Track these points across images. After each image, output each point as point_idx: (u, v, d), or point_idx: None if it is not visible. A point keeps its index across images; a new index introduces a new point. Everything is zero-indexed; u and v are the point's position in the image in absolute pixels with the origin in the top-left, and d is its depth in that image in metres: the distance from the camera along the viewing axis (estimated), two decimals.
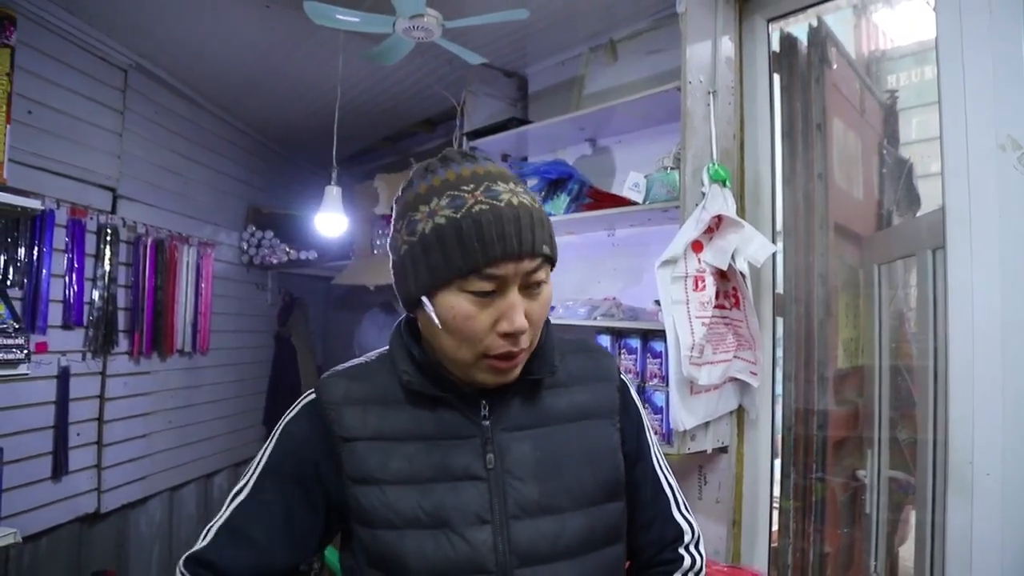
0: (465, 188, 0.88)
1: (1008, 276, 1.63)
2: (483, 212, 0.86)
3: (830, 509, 2.38)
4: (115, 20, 2.79)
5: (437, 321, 0.88)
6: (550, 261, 0.92)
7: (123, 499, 3.12)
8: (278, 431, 1.01)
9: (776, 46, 2.40)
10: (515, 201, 0.88)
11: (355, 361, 1.05)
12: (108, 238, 2.95)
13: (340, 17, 2.23)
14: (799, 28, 2.47)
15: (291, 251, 4.11)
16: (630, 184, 2.25)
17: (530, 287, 0.90)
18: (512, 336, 0.89)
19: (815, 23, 2.49)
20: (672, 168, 2.17)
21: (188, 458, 3.64)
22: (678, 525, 1.09)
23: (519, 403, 0.99)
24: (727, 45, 2.27)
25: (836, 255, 2.40)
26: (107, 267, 2.95)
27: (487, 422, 0.96)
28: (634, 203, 2.25)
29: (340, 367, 1.04)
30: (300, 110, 3.81)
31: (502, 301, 0.88)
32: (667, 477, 1.11)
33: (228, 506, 0.99)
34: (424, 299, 0.89)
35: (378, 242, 3.74)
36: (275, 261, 4.13)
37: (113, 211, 3.03)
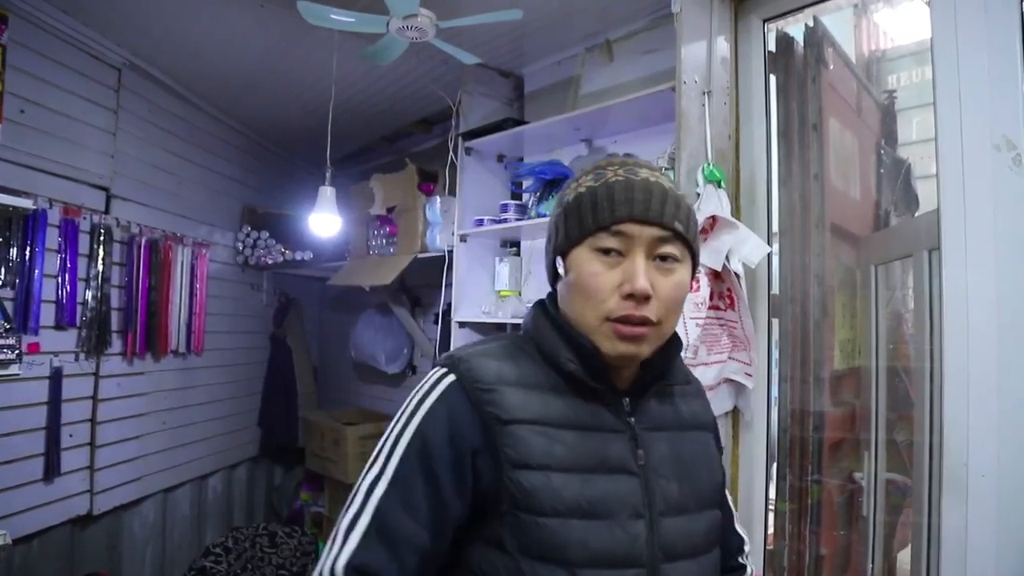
0: (610, 168, 0.99)
1: (1003, 277, 1.62)
2: (618, 181, 0.96)
3: (826, 511, 2.37)
4: (109, 19, 2.77)
5: (569, 277, 0.97)
6: (684, 241, 0.96)
7: (116, 501, 3.10)
8: (420, 414, 0.94)
9: (772, 46, 2.39)
10: (652, 179, 0.96)
11: (481, 344, 1.03)
12: (101, 238, 2.94)
13: (334, 17, 2.22)
14: (795, 28, 2.46)
15: (286, 251, 4.09)
16: None
17: (659, 259, 0.95)
18: (634, 299, 0.92)
19: (811, 23, 2.48)
20: (667, 168, 2.16)
21: (182, 459, 3.62)
22: (740, 536, 1.23)
23: (655, 404, 1.04)
24: (722, 45, 2.26)
25: (832, 256, 2.39)
26: (100, 267, 2.94)
27: (632, 419, 1.00)
28: None
29: (467, 349, 1.01)
30: (296, 109, 3.80)
31: (628, 264, 0.93)
32: (727, 493, 1.21)
33: (368, 498, 0.91)
34: (558, 259, 1.00)
35: (373, 242, 3.72)
36: (270, 261, 4.12)
37: (107, 211, 3.02)
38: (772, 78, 2.38)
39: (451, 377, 0.95)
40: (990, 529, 1.60)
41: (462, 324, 2.96)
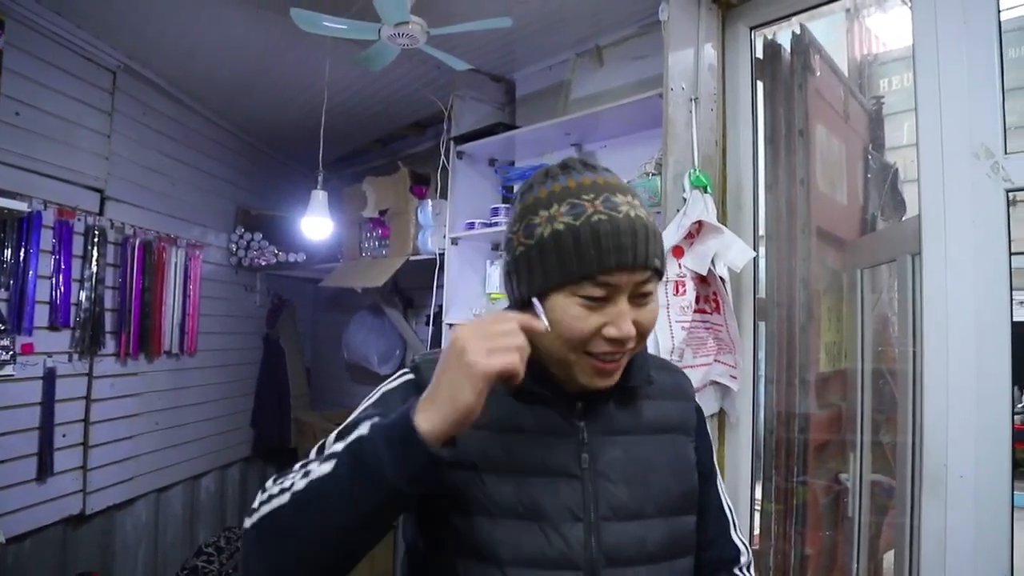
0: (585, 197, 0.92)
1: (981, 283, 1.66)
2: (601, 222, 0.89)
3: (812, 512, 2.40)
4: (105, 21, 2.80)
5: (546, 321, 0.91)
6: (659, 274, 0.96)
7: (109, 500, 3.12)
8: (376, 396, 1.01)
9: (759, 53, 2.42)
10: (632, 213, 0.91)
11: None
12: (95, 239, 2.96)
13: (326, 24, 2.25)
14: (782, 35, 2.49)
15: (280, 253, 4.12)
16: None
17: (638, 297, 0.94)
18: (618, 342, 0.92)
19: (798, 30, 2.51)
20: (654, 174, 2.19)
21: (175, 460, 3.63)
22: (736, 546, 1.15)
23: (613, 408, 1.03)
24: (710, 52, 2.29)
25: (819, 260, 2.42)
26: (94, 268, 2.95)
27: (582, 423, 1.00)
28: None
29: (432, 354, 1.01)
30: (290, 112, 3.82)
31: (612, 308, 0.91)
32: (726, 500, 1.18)
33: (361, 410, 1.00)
34: (535, 300, 0.93)
35: (366, 244, 3.75)
36: (263, 263, 4.14)
37: (101, 212, 3.04)
38: (759, 84, 2.41)
39: (409, 376, 1.01)
40: (968, 530, 1.64)
41: (453, 326, 2.99)
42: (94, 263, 2.95)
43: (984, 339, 1.65)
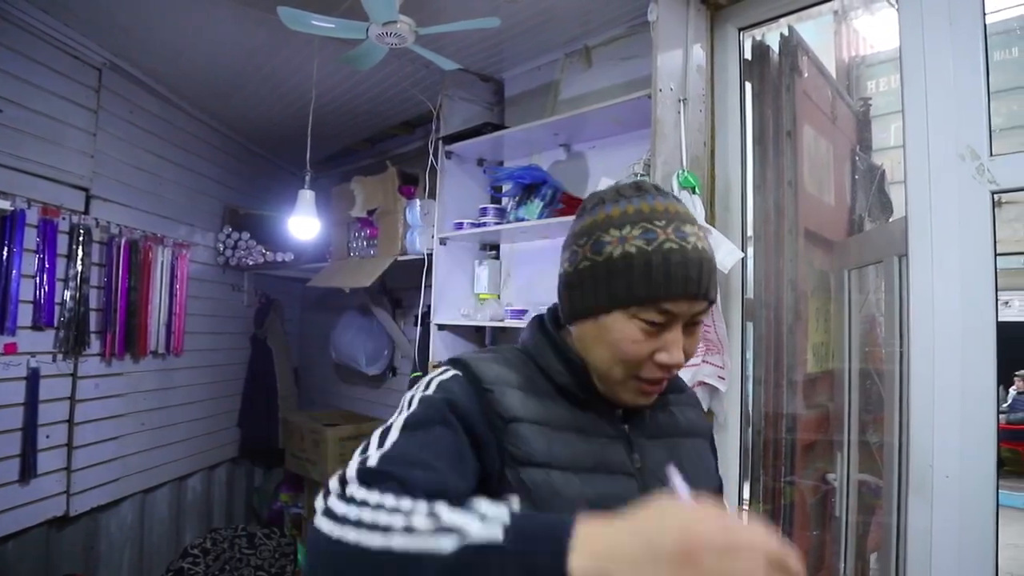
0: (658, 223, 0.93)
1: (967, 283, 1.67)
2: (672, 251, 0.91)
3: (799, 512, 2.41)
4: (92, 18, 2.77)
5: (604, 333, 0.94)
6: (711, 304, 0.98)
7: (93, 502, 3.09)
8: (432, 386, 0.94)
9: (748, 54, 2.43)
10: (700, 245, 0.94)
11: (484, 352, 1.05)
12: (80, 238, 2.93)
13: (315, 23, 2.24)
14: (771, 37, 2.50)
15: (267, 252, 4.09)
16: None
17: (691, 325, 0.97)
18: (667, 368, 0.95)
19: (786, 32, 2.52)
20: (642, 175, 2.19)
21: (161, 460, 3.60)
22: None
23: (649, 414, 1.06)
24: (698, 53, 2.29)
25: (806, 260, 2.43)
26: (79, 268, 2.93)
27: (625, 426, 1.03)
28: None
29: (471, 354, 1.02)
30: (279, 111, 3.80)
31: (667, 334, 0.94)
32: (727, 502, 1.20)
33: (382, 443, 0.84)
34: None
35: (354, 244, 3.73)
36: (251, 262, 4.11)
37: (86, 211, 3.01)
38: (748, 86, 2.42)
39: (454, 371, 0.97)
40: (953, 529, 1.65)
41: (441, 327, 2.98)
42: (79, 262, 2.93)
43: (969, 340, 1.66)
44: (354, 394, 4.43)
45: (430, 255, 3.04)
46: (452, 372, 0.97)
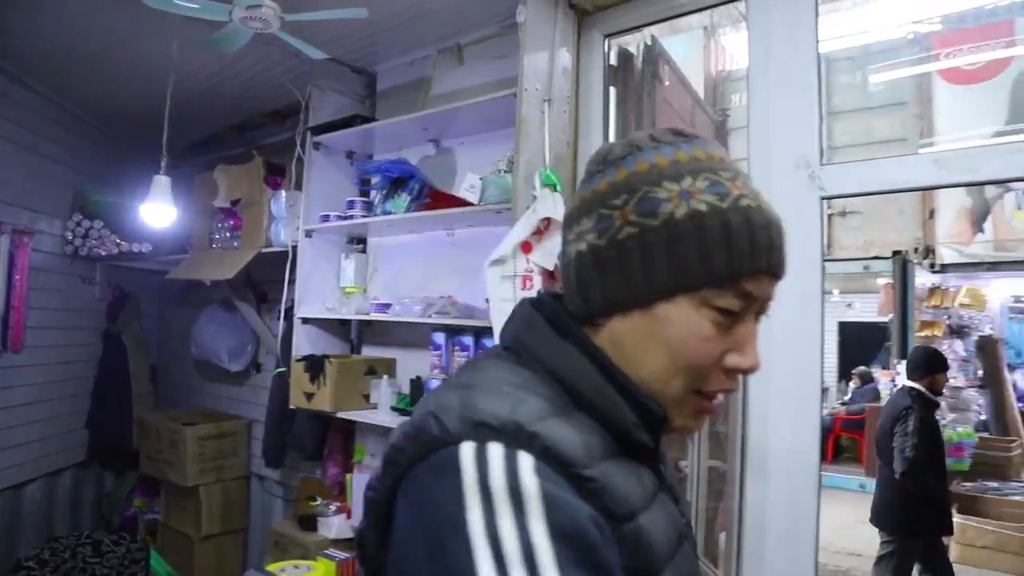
0: (724, 174, 0.70)
1: (798, 284, 1.81)
2: (752, 209, 0.69)
3: None
4: None
5: (655, 328, 0.70)
6: None
7: None
8: (537, 498, 0.57)
9: (613, 60, 2.52)
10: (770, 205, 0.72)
11: (511, 391, 0.67)
12: None
13: (177, 1, 2.14)
14: (635, 45, 2.61)
15: (122, 242, 3.85)
16: (467, 185, 2.30)
17: (760, 316, 0.74)
18: (736, 374, 0.73)
19: (649, 42, 2.64)
20: (506, 171, 2.23)
21: None
22: None
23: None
24: (565, 56, 2.36)
25: None
26: None
27: (661, 470, 0.81)
28: (470, 204, 2.30)
29: (499, 403, 0.64)
30: (137, 92, 3.57)
31: (741, 328, 0.71)
32: None
33: (539, 531, 0.56)
34: (657, 305, 0.69)
35: (217, 236, 3.58)
36: (104, 253, 3.86)
37: None
38: (612, 90, 2.51)
39: (526, 457, 0.60)
40: (783, 504, 1.79)
41: (305, 320, 2.91)
42: None
43: (801, 337, 1.80)
44: (216, 392, 4.24)
45: (295, 247, 2.96)
46: (526, 462, 0.60)
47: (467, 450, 0.60)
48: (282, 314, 3.09)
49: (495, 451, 0.60)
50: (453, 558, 0.54)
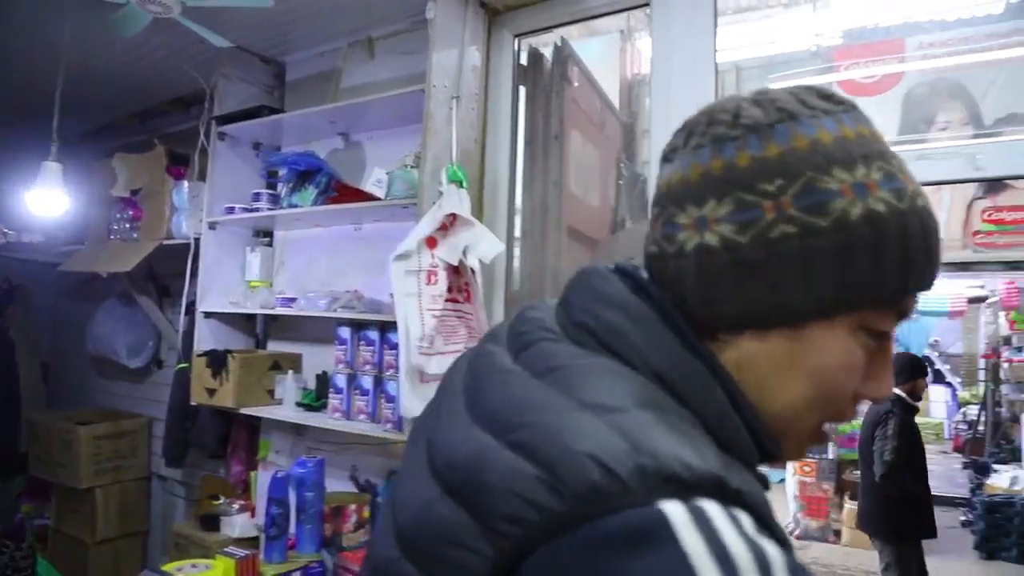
0: (895, 162, 0.57)
1: None
2: (928, 213, 0.57)
3: None
4: None
5: (802, 357, 0.57)
6: None
7: None
8: (743, 522, 0.45)
9: (524, 60, 2.56)
10: None
11: (672, 417, 0.52)
12: None
13: None
14: (546, 46, 2.65)
15: (10, 232, 3.65)
16: (373, 180, 2.30)
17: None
18: (860, 404, 0.62)
19: (560, 43, 2.69)
20: (413, 167, 2.24)
21: None
22: None
23: None
24: (474, 54, 2.38)
25: (569, 255, 2.61)
26: None
27: None
28: (376, 198, 2.30)
29: (703, 444, 0.51)
30: (28, 74, 3.39)
31: (882, 353, 0.60)
32: None
33: None
34: (808, 326, 0.56)
35: (115, 227, 3.44)
36: None
37: None
38: (521, 89, 2.55)
39: (745, 517, 0.46)
40: None
41: (208, 315, 2.83)
42: None
43: None
44: (114, 390, 4.06)
45: (198, 240, 2.88)
46: (748, 521, 0.46)
47: (677, 510, 0.43)
48: (184, 308, 3.00)
49: (714, 511, 0.44)
50: None
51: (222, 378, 2.64)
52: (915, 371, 3.94)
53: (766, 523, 0.48)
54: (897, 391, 3.82)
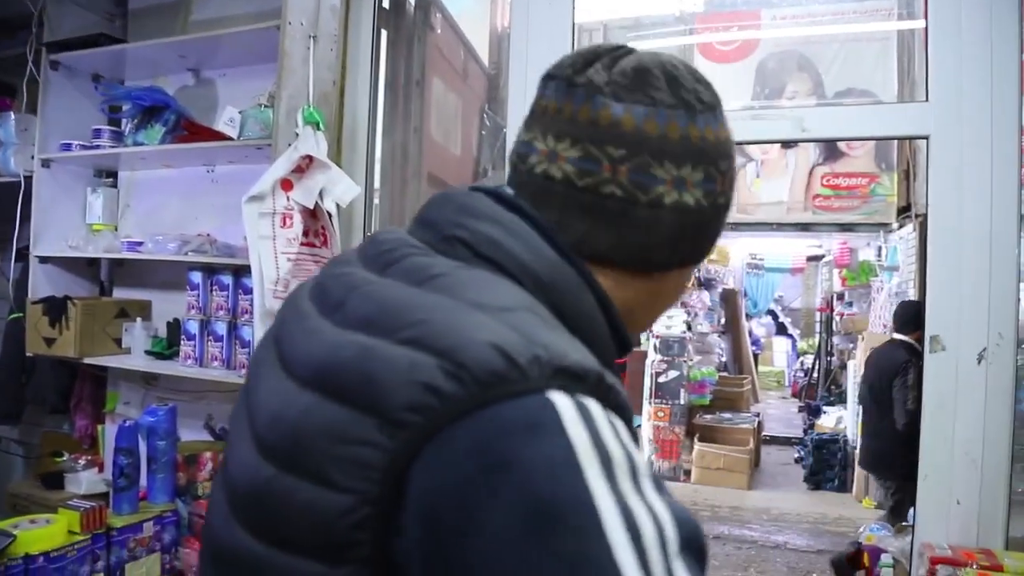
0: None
1: None
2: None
3: None
4: None
5: (666, 286, 0.72)
6: None
7: None
8: (617, 425, 0.50)
9: (386, 3, 2.52)
10: None
11: (565, 334, 0.56)
12: None
13: None
14: None
15: None
16: (226, 119, 2.22)
17: None
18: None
19: None
20: (267, 106, 2.17)
21: None
22: None
23: None
24: None
25: None
26: None
27: None
28: (229, 138, 2.22)
29: (579, 345, 0.55)
30: None
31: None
32: None
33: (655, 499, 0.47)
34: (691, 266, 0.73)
35: None
36: None
37: None
38: (383, 32, 2.51)
39: (616, 419, 0.51)
40: None
41: (44, 260, 2.65)
42: None
43: None
44: None
45: (29, 178, 2.66)
46: (620, 423, 0.51)
47: (566, 404, 0.47)
48: (14, 254, 2.78)
49: (596, 411, 0.48)
50: (576, 540, 0.43)
51: (61, 326, 2.49)
52: (922, 320, 4.14)
53: (629, 421, 0.52)
54: (908, 339, 3.91)
